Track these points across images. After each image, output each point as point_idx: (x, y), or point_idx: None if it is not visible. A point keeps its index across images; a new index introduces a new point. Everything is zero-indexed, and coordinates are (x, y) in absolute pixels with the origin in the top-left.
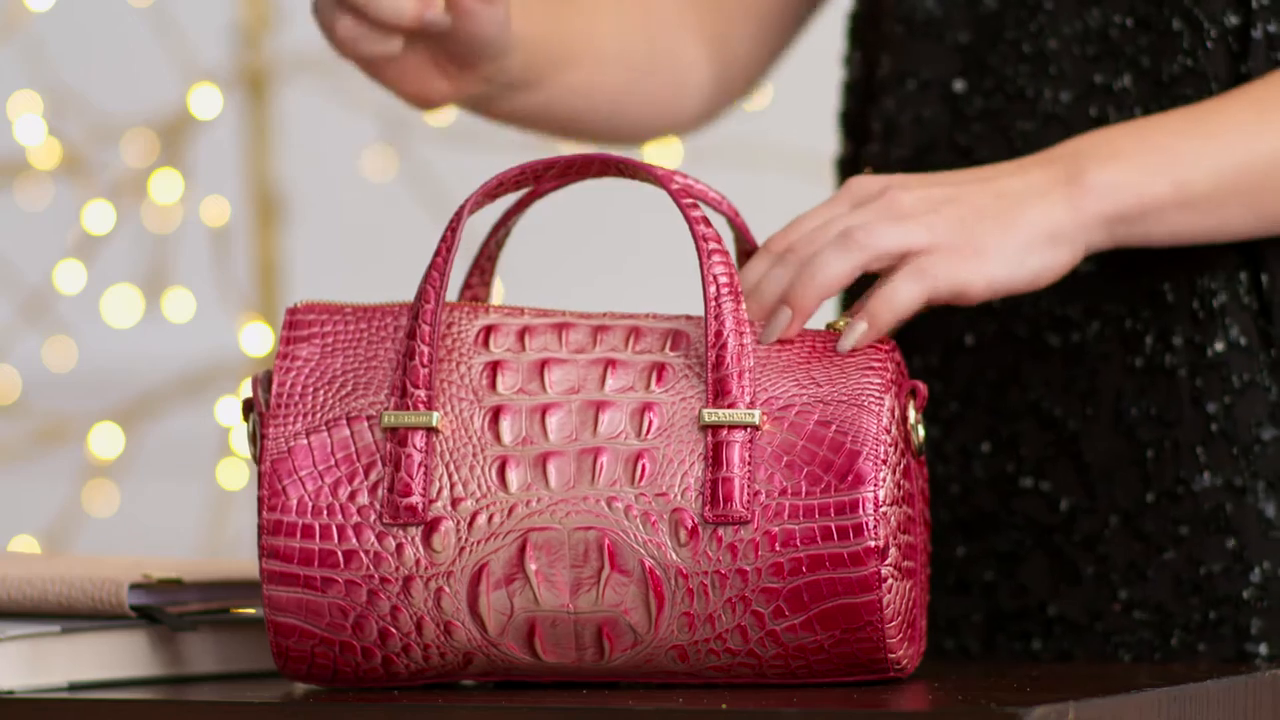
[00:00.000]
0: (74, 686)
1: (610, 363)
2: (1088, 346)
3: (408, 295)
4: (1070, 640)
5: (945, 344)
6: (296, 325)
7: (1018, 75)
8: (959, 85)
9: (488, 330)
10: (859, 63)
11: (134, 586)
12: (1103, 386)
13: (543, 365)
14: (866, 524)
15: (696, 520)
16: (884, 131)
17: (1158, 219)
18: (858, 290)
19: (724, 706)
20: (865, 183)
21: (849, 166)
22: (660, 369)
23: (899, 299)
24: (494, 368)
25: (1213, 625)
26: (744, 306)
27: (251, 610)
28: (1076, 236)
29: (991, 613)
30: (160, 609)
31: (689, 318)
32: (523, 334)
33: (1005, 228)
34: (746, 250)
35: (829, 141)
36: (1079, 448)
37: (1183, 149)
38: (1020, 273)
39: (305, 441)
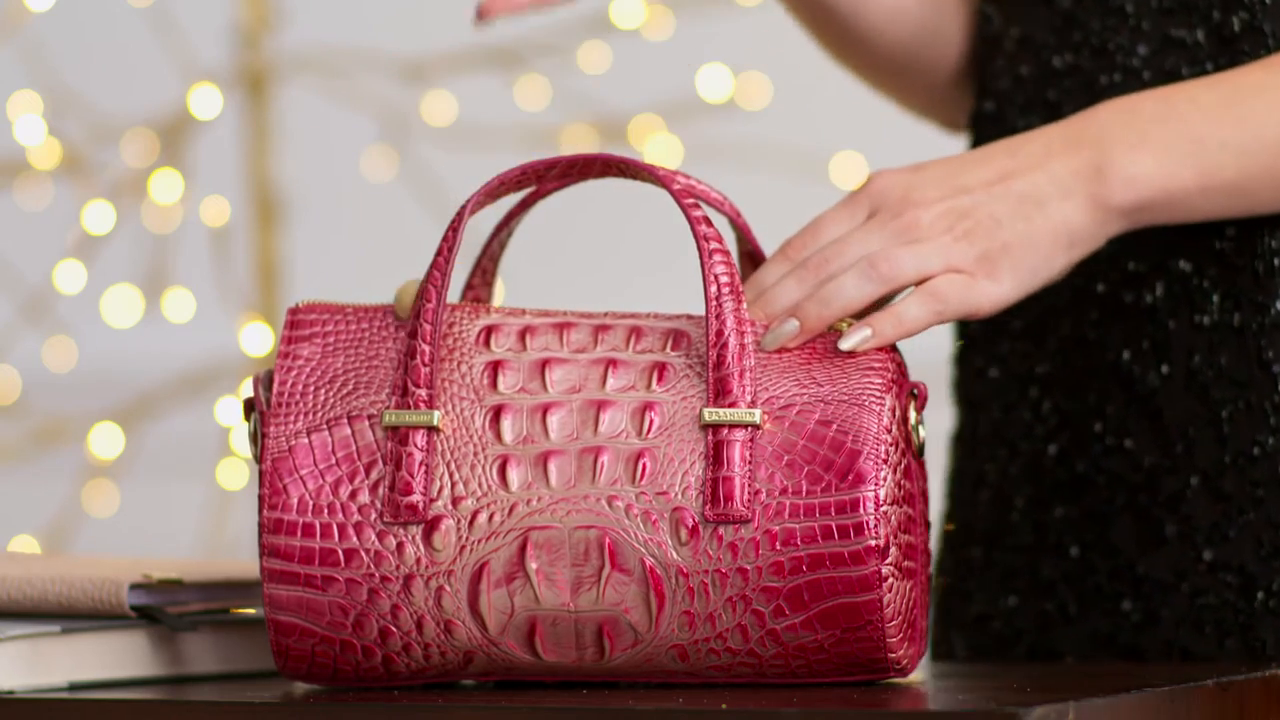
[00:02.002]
0: (74, 686)
1: (611, 362)
2: (1159, 304)
3: None
4: (1158, 600)
5: (1040, 306)
6: (298, 325)
7: (1103, 29)
8: (1050, 40)
9: (489, 330)
10: (987, 17)
11: (134, 586)
12: (1175, 345)
13: (544, 365)
14: (867, 523)
15: (697, 519)
16: (994, 90)
17: (1182, 206)
18: None
19: (724, 706)
20: (886, 186)
21: (981, 123)
22: (661, 368)
23: (907, 319)
24: (495, 367)
25: None
26: (745, 306)
27: (251, 610)
28: (1096, 235)
29: (1087, 573)
30: (160, 609)
31: (689, 317)
32: (524, 334)
33: (1023, 244)
34: (748, 251)
35: (829, 142)
36: (1157, 406)
37: (1212, 137)
38: (1032, 285)
39: (306, 440)
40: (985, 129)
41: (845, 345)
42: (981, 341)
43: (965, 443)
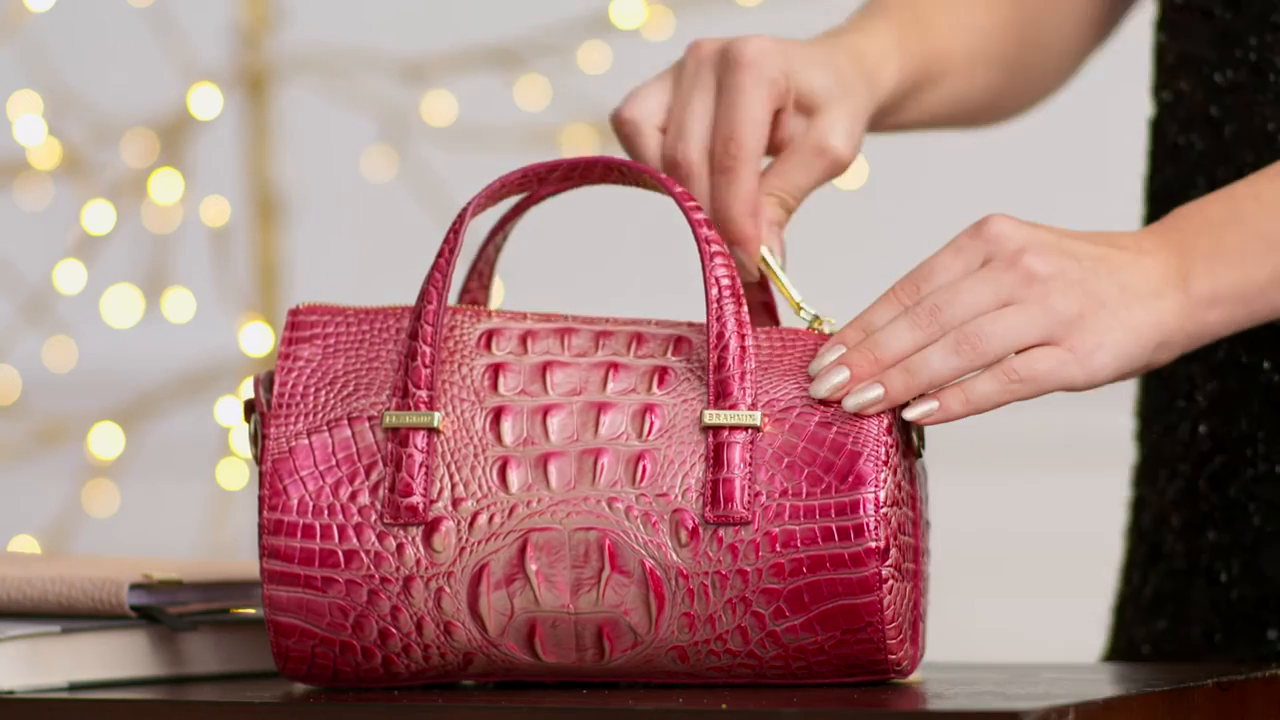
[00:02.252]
0: (74, 686)
1: (612, 366)
2: None
3: (408, 295)
4: None
5: None
6: (299, 326)
7: (1261, 45)
8: (1211, 56)
9: (489, 334)
10: None
11: (134, 586)
12: None
13: (545, 368)
14: (867, 525)
15: (697, 521)
16: (1159, 108)
17: (1259, 301)
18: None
19: (724, 706)
20: (1003, 234)
21: (1154, 128)
22: (662, 372)
23: (975, 396)
24: (496, 369)
25: None
26: (745, 309)
27: (251, 610)
28: (1183, 345)
29: (1238, 600)
30: (160, 609)
31: (691, 325)
32: (525, 338)
33: (1126, 330)
34: None
35: None
36: None
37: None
38: (1126, 373)
39: (306, 441)
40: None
41: (909, 416)
42: None
43: (1143, 455)
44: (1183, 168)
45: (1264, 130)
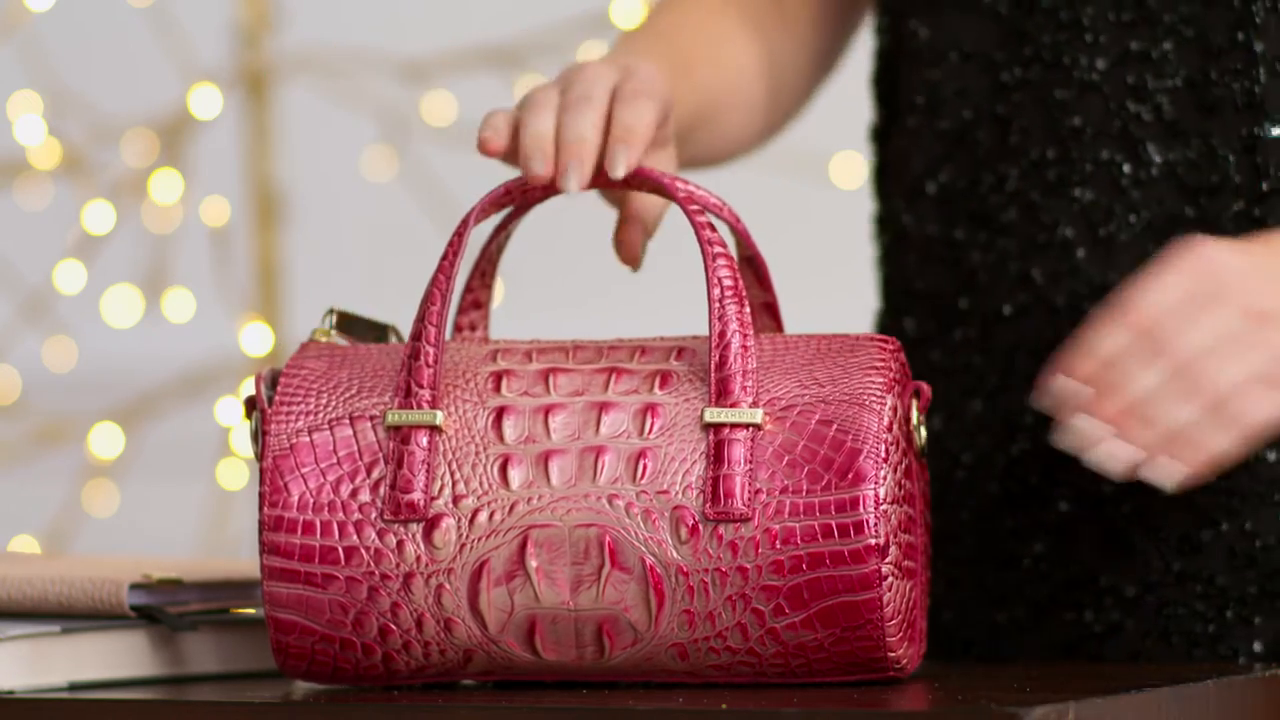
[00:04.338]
0: (74, 686)
1: (615, 370)
2: None
3: (408, 295)
4: (1121, 612)
5: (984, 316)
6: (307, 348)
7: (1055, 43)
8: (999, 55)
9: (496, 351)
10: (888, 29)
11: (134, 586)
12: None
13: (548, 373)
14: (867, 521)
15: (697, 517)
16: (927, 104)
17: None
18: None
19: (724, 706)
20: (1220, 271)
21: (883, 137)
22: (665, 375)
23: (1210, 446)
24: (500, 375)
25: (1269, 598)
26: (747, 309)
27: (251, 610)
28: None
29: (1042, 584)
30: (160, 609)
31: (695, 337)
32: (531, 353)
33: None
34: (747, 256)
35: (829, 142)
36: None
37: None
38: None
39: (308, 438)
40: (916, 143)
41: (1147, 474)
42: (923, 347)
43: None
44: (968, 165)
45: (1069, 125)
